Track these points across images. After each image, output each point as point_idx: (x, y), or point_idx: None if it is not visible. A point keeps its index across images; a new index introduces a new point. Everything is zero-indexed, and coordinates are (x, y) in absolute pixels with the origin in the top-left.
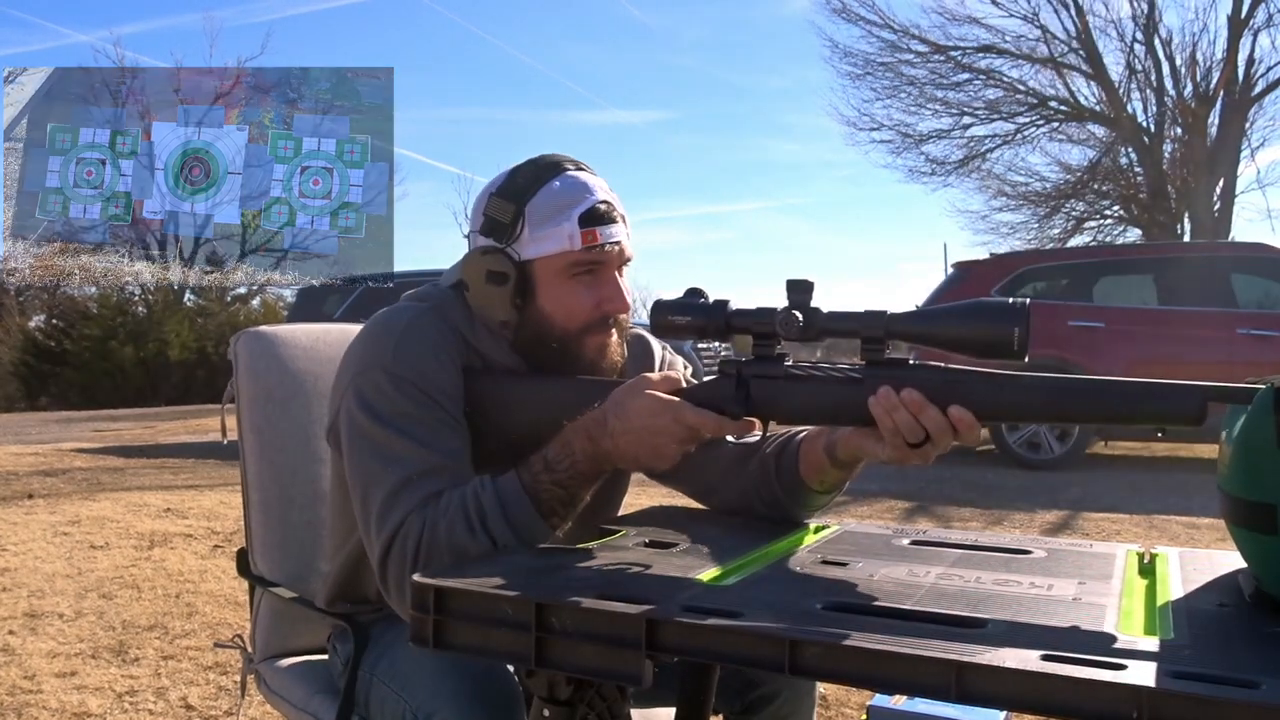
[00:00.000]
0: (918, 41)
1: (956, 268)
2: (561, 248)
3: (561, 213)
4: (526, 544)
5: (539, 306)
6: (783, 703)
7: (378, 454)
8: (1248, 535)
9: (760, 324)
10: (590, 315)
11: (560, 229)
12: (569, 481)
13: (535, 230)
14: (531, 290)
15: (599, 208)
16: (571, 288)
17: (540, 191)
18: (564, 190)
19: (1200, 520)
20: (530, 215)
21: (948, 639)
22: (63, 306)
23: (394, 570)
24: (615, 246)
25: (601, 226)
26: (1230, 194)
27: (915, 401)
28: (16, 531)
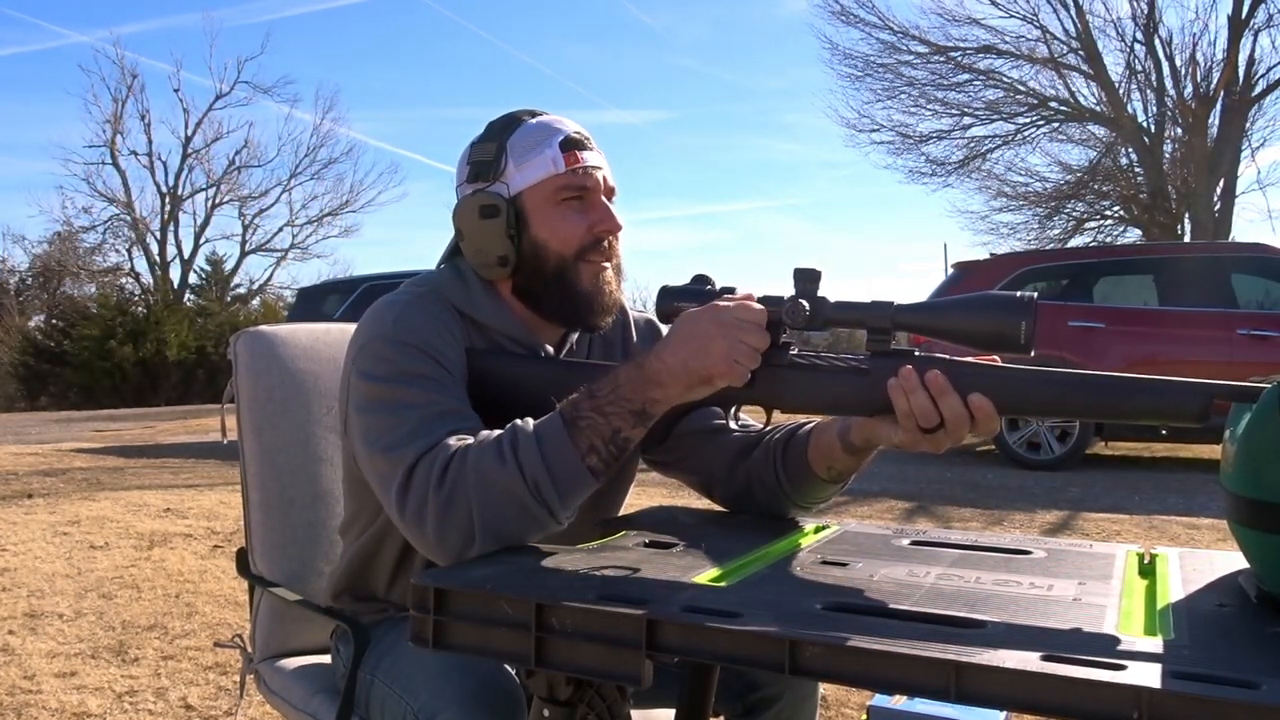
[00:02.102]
0: (917, 42)
1: (957, 268)
2: (547, 173)
3: (542, 141)
4: (560, 485)
5: (533, 236)
6: (784, 705)
7: (387, 408)
8: (1251, 534)
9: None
10: (584, 237)
11: (543, 155)
12: (610, 409)
13: (519, 161)
14: (524, 221)
15: (577, 135)
16: (562, 212)
17: (519, 129)
18: (540, 124)
19: (1200, 520)
20: (512, 149)
21: (947, 639)
22: (62, 306)
23: (415, 490)
24: (598, 171)
25: (582, 151)
26: (1230, 194)
27: (939, 385)
28: (16, 531)
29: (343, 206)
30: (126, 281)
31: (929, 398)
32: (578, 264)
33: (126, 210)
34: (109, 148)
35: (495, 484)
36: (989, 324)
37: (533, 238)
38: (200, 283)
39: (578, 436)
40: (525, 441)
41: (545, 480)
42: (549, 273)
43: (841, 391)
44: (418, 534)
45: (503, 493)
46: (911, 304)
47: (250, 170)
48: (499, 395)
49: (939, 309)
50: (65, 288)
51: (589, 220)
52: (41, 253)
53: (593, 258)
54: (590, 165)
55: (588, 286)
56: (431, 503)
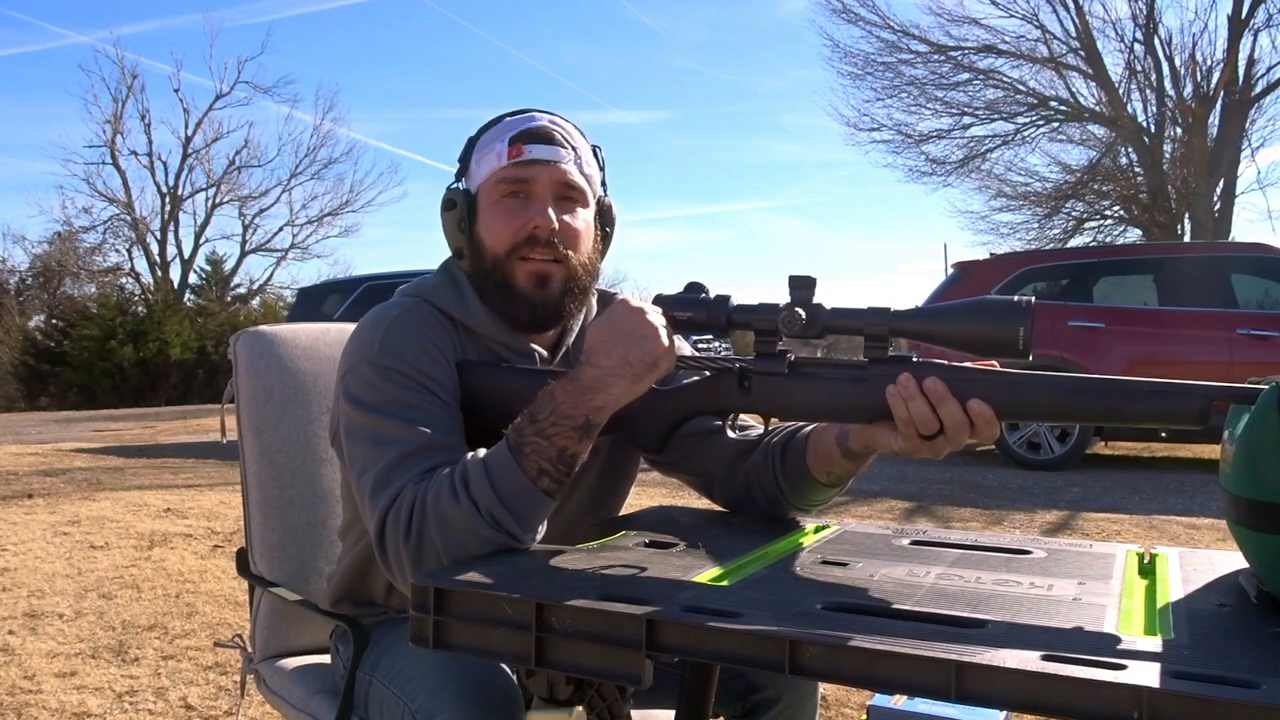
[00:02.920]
0: (918, 41)
1: (957, 268)
2: (493, 167)
3: (499, 136)
4: (516, 512)
5: (477, 231)
6: (785, 706)
7: (370, 439)
8: (1251, 535)
9: (763, 320)
10: (515, 234)
11: (493, 149)
12: (553, 430)
13: (478, 157)
14: (474, 215)
15: (537, 129)
16: (500, 209)
17: (493, 127)
18: (512, 120)
19: (1200, 520)
20: (478, 146)
21: (947, 639)
22: (62, 306)
23: (390, 544)
24: (546, 165)
25: (532, 144)
26: (1230, 194)
27: (938, 392)
28: (16, 531)
29: (343, 206)
30: (127, 281)
31: (928, 405)
32: (511, 260)
33: (127, 210)
34: (109, 148)
35: (455, 523)
36: (987, 329)
37: (477, 232)
38: (200, 283)
39: (525, 463)
40: (476, 476)
41: (500, 511)
42: (487, 269)
43: (839, 399)
44: (398, 580)
45: (463, 531)
46: (908, 310)
47: (250, 170)
48: (492, 410)
49: (936, 315)
50: (65, 288)
51: (523, 216)
52: (42, 253)
53: (530, 255)
54: (535, 158)
55: (523, 285)
56: (404, 554)
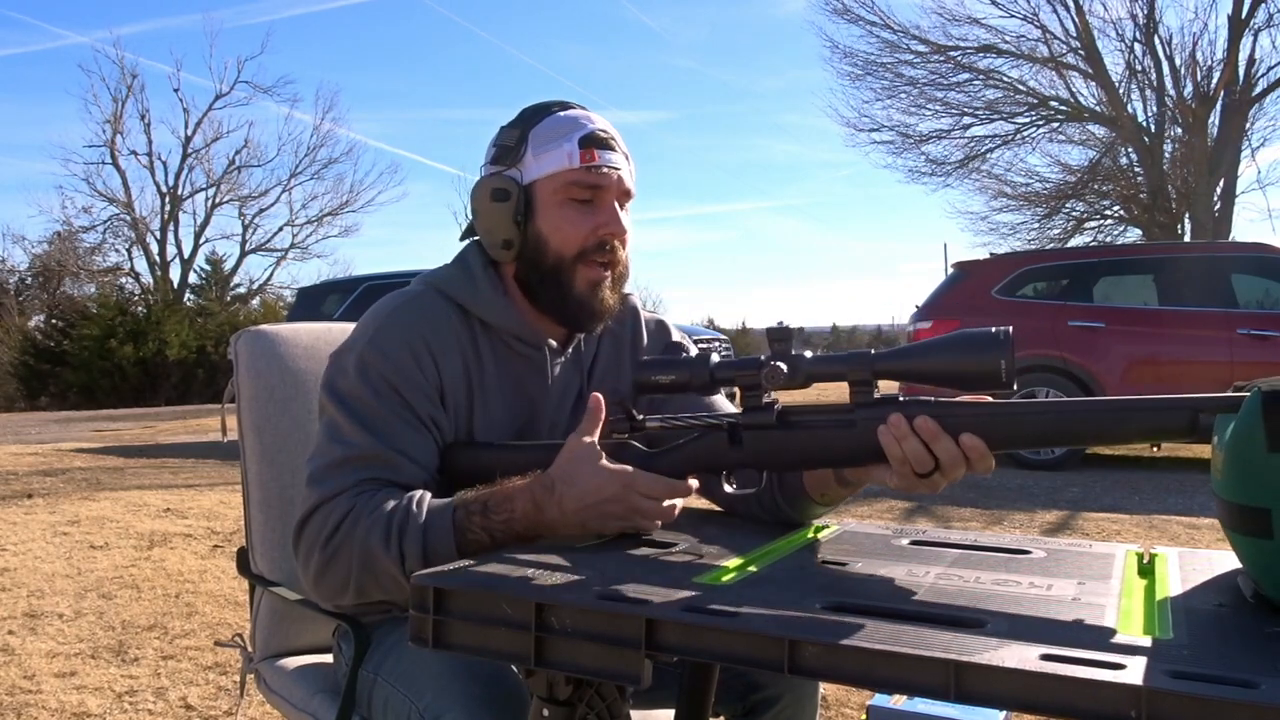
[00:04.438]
0: (918, 42)
1: (957, 268)
2: (561, 166)
3: (564, 134)
4: None
5: (537, 228)
6: (785, 705)
7: (327, 429)
8: (1243, 540)
9: (745, 375)
10: (585, 239)
11: (561, 149)
12: (500, 533)
13: (538, 151)
14: (532, 210)
15: (599, 133)
16: (568, 212)
17: (546, 119)
18: (568, 117)
19: (1200, 520)
20: (534, 138)
21: (947, 639)
22: (62, 306)
23: (307, 538)
24: (614, 172)
25: (601, 150)
26: (1230, 194)
27: (930, 430)
28: (16, 531)
29: (342, 206)
30: (126, 281)
31: (922, 443)
32: (575, 265)
33: (126, 210)
34: (109, 148)
35: (375, 562)
36: (968, 364)
37: (537, 228)
38: (200, 282)
39: (463, 544)
40: (412, 534)
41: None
42: (546, 268)
43: (831, 446)
44: (300, 569)
45: (381, 572)
46: (889, 351)
47: (250, 170)
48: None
49: (916, 353)
50: (65, 287)
51: (595, 221)
52: (41, 253)
53: (593, 259)
54: (607, 165)
55: (582, 290)
56: (317, 556)
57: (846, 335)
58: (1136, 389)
